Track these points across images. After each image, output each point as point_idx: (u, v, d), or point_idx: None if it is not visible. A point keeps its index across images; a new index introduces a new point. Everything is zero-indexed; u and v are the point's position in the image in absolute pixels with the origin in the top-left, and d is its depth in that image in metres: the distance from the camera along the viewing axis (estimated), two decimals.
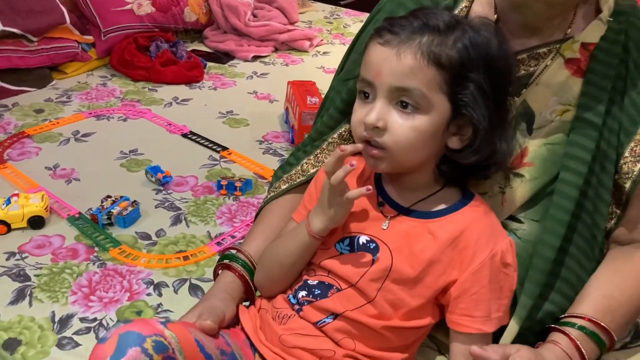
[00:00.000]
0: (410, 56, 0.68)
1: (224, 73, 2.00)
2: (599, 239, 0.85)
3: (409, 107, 0.69)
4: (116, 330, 0.66)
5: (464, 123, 0.72)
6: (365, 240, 0.76)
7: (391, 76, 0.69)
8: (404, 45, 0.68)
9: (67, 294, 1.02)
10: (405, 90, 0.69)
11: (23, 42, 1.80)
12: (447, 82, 0.69)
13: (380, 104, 0.70)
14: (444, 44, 0.68)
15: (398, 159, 0.72)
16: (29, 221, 1.17)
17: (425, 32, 0.69)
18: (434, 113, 0.70)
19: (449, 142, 0.73)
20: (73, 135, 1.54)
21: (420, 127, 0.70)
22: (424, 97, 0.69)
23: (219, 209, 1.28)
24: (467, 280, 0.72)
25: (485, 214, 0.76)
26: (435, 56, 0.68)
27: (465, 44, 0.69)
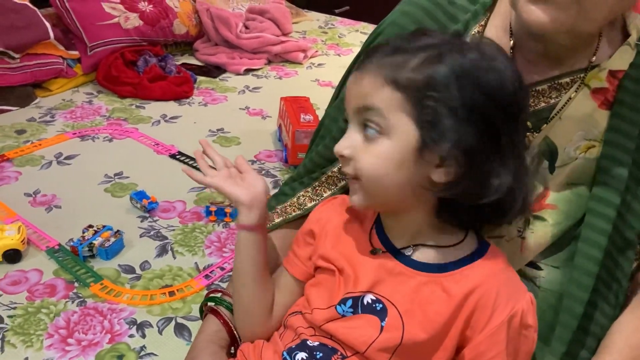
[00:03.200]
0: (370, 75, 0.62)
1: (214, 88, 1.93)
2: (624, 285, 0.77)
3: (371, 130, 0.62)
4: None
5: (447, 153, 0.64)
6: (370, 299, 0.66)
7: (354, 98, 0.63)
8: (367, 71, 0.62)
9: (43, 338, 0.95)
10: (366, 110, 0.62)
11: (4, 59, 1.73)
12: (409, 102, 0.60)
13: (351, 132, 0.64)
14: (407, 63, 0.61)
15: (368, 189, 0.64)
16: (5, 255, 1.10)
17: (394, 54, 0.62)
18: (397, 137, 0.61)
19: (432, 175, 0.64)
20: (55, 158, 1.47)
21: (383, 153, 0.62)
22: (384, 118, 0.61)
23: (208, 237, 1.21)
24: (483, 343, 0.63)
25: (505, 266, 0.67)
26: (394, 75, 0.60)
27: (436, 64, 0.60)
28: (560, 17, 0.64)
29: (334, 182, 0.86)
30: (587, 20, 0.65)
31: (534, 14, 0.65)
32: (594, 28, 0.68)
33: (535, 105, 0.75)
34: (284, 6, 2.42)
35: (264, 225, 0.74)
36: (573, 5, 0.63)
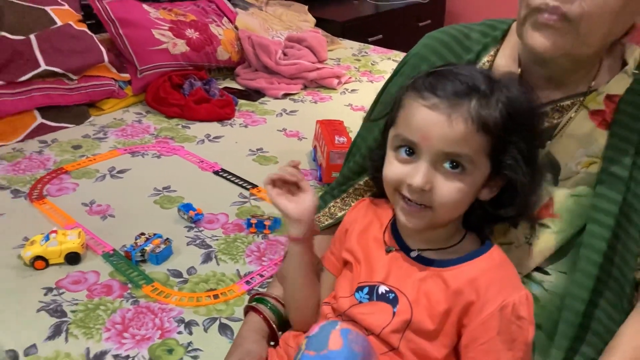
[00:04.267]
0: (462, 123, 0.69)
1: (254, 110, 2.06)
2: (627, 291, 0.85)
3: (458, 168, 0.71)
4: None
5: (498, 180, 0.75)
6: (384, 290, 0.79)
7: (442, 142, 0.70)
8: (455, 112, 0.69)
9: (102, 331, 1.05)
10: (456, 155, 0.71)
11: (63, 81, 1.88)
12: (491, 146, 0.71)
13: (425, 167, 0.72)
14: (489, 106, 0.70)
15: (440, 217, 0.75)
16: (66, 257, 1.21)
17: (471, 95, 0.70)
18: (477, 174, 0.73)
19: (480, 195, 0.76)
20: (109, 172, 1.60)
21: (464, 189, 0.72)
22: (472, 162, 0.71)
23: (249, 247, 1.31)
24: (476, 329, 0.74)
25: (501, 264, 0.78)
26: (484, 121, 0.70)
27: (504, 102, 0.71)
28: (559, 41, 0.75)
29: (360, 193, 0.97)
30: (583, 44, 0.75)
31: (537, 39, 0.76)
32: (590, 52, 0.78)
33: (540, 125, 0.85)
34: (320, 35, 2.54)
35: (310, 237, 0.84)
36: (571, 31, 0.74)
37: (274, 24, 2.55)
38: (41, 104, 1.81)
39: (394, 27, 3.21)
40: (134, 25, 2.10)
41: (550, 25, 0.76)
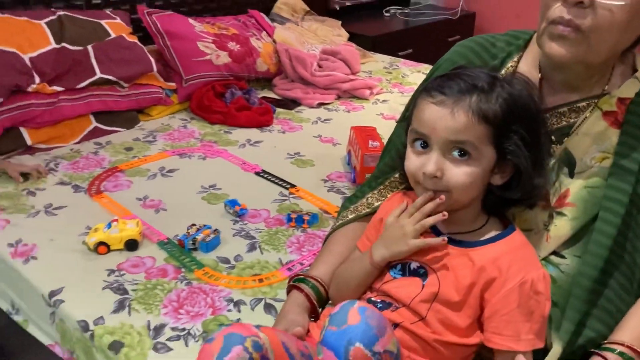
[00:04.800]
0: (464, 115, 0.81)
1: (291, 118, 2.18)
2: (637, 276, 0.94)
3: (462, 155, 0.82)
4: (221, 332, 0.79)
5: (505, 164, 0.85)
6: (415, 266, 0.90)
7: (447, 131, 0.82)
8: (457, 106, 0.82)
9: (160, 307, 1.18)
10: (460, 142, 0.82)
11: (116, 88, 2.03)
12: (493, 134, 0.83)
13: (435, 155, 0.83)
14: (489, 101, 0.82)
15: (457, 198, 0.85)
16: (126, 243, 1.34)
17: (472, 92, 0.82)
18: (483, 160, 0.84)
19: (492, 180, 0.87)
20: (159, 171, 1.73)
21: (472, 173, 0.83)
22: (476, 148, 0.82)
23: (289, 239, 1.42)
24: (498, 302, 0.84)
25: (522, 246, 0.88)
26: (484, 113, 0.81)
27: (505, 97, 0.83)
28: (573, 50, 0.86)
29: (395, 185, 1.08)
30: (594, 53, 0.86)
31: (554, 48, 0.87)
32: (600, 59, 0.89)
33: (558, 124, 0.96)
34: (354, 48, 2.67)
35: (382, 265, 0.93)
36: (583, 41, 0.85)
37: (310, 38, 2.68)
38: (96, 109, 1.97)
39: (423, 42, 3.32)
40: (180, 37, 2.25)
41: (565, 36, 0.86)
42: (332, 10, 3.29)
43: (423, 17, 3.55)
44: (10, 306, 1.36)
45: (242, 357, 0.76)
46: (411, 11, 3.67)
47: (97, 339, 1.11)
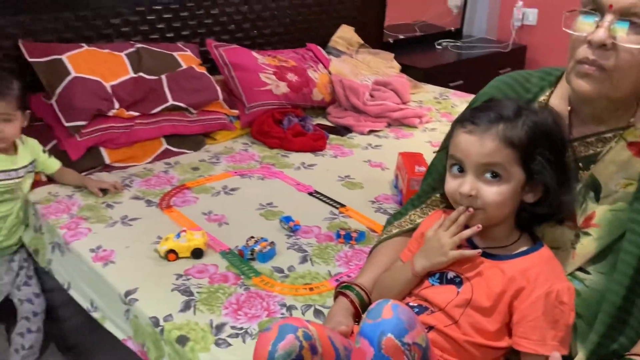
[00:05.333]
0: (491, 141, 0.94)
1: (343, 144, 2.33)
2: None
3: (494, 177, 0.95)
4: (277, 323, 0.93)
5: (536, 184, 0.96)
6: (452, 275, 1.01)
7: (478, 156, 0.95)
8: (485, 134, 0.94)
9: (221, 308, 1.32)
10: (491, 165, 0.94)
11: (185, 114, 2.23)
12: (520, 157, 0.94)
13: (470, 178, 0.96)
14: (514, 128, 0.93)
15: (490, 215, 0.97)
16: (193, 252, 1.50)
17: (499, 121, 0.95)
18: (513, 180, 0.95)
19: (525, 198, 0.98)
20: (222, 189, 1.90)
21: (503, 192, 0.95)
22: (505, 170, 0.94)
23: (337, 253, 1.55)
24: (525, 309, 0.94)
25: (549, 260, 0.99)
26: (510, 139, 0.93)
27: (530, 125, 0.94)
28: (597, 86, 0.97)
29: (436, 204, 1.19)
30: (617, 89, 0.97)
31: (581, 85, 0.98)
32: (622, 95, 0.99)
33: (585, 152, 1.06)
34: (405, 79, 2.81)
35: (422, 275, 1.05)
36: (606, 79, 0.96)
37: (363, 70, 2.84)
38: (167, 133, 2.17)
39: (474, 74, 3.42)
40: (244, 69, 2.45)
41: (590, 74, 0.97)
42: (386, 44, 3.44)
43: (475, 49, 3.66)
44: (90, 304, 1.54)
45: (294, 344, 0.90)
46: (463, 44, 3.79)
47: (166, 333, 1.26)
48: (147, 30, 2.43)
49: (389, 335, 0.83)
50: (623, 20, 0.94)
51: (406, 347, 0.84)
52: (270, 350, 0.89)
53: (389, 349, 0.83)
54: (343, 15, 3.12)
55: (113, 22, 2.33)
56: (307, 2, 2.95)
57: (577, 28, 0.99)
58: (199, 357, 1.19)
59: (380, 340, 0.83)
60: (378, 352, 0.83)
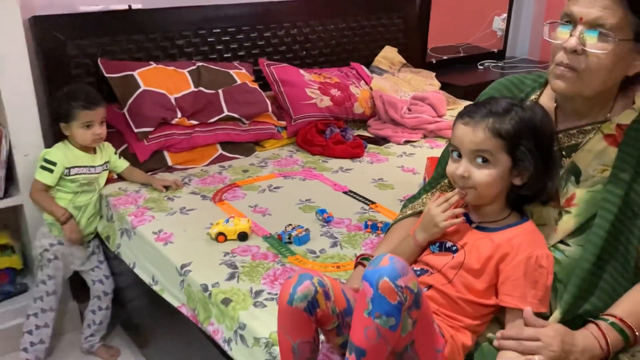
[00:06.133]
0: (482, 132, 1.14)
1: (380, 152, 2.54)
2: (631, 264, 1.18)
3: (484, 161, 1.14)
4: (298, 272, 1.15)
5: (522, 169, 1.14)
6: (449, 244, 1.21)
7: (470, 144, 1.15)
8: (477, 125, 1.14)
9: (260, 279, 1.55)
10: (481, 151, 1.14)
11: (239, 124, 2.50)
12: (506, 146, 1.13)
13: (464, 162, 1.17)
14: (502, 122, 1.13)
15: (480, 193, 1.16)
16: (239, 235, 1.74)
17: (490, 116, 1.14)
18: (500, 165, 1.15)
19: (514, 181, 1.16)
20: (267, 187, 2.15)
21: (491, 174, 1.15)
22: (493, 156, 1.14)
23: (364, 240, 1.76)
24: (509, 270, 1.13)
25: (532, 232, 1.17)
26: (497, 130, 1.13)
27: (517, 120, 1.13)
28: (570, 86, 1.16)
29: (444, 189, 1.39)
30: (587, 87, 1.16)
31: (557, 84, 1.18)
32: (594, 92, 1.17)
33: (568, 142, 1.23)
34: (441, 95, 2.99)
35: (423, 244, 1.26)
36: (578, 79, 1.15)
37: (403, 87, 3.05)
38: (222, 140, 2.45)
39: None
40: (291, 85, 2.71)
41: (564, 75, 1.16)
42: (429, 64, 3.65)
43: (516, 69, 3.80)
44: (151, 279, 1.80)
45: (310, 288, 1.11)
46: (505, 64, 3.94)
47: (213, 297, 1.50)
48: (207, 51, 2.73)
49: (385, 278, 1.03)
50: (593, 30, 1.12)
51: (399, 289, 1.03)
52: (290, 292, 1.11)
53: (385, 289, 1.02)
54: (387, 37, 3.35)
55: (178, 43, 2.65)
56: (352, 26, 3.20)
57: (556, 37, 1.19)
58: (240, 314, 1.41)
59: (378, 282, 1.03)
60: (376, 291, 1.03)
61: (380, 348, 1.04)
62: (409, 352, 1.10)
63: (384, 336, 1.03)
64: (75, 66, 2.40)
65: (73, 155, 2.03)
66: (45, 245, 2.04)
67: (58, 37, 2.35)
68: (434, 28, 3.66)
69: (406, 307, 1.04)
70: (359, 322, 1.05)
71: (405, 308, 1.03)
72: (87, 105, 1.99)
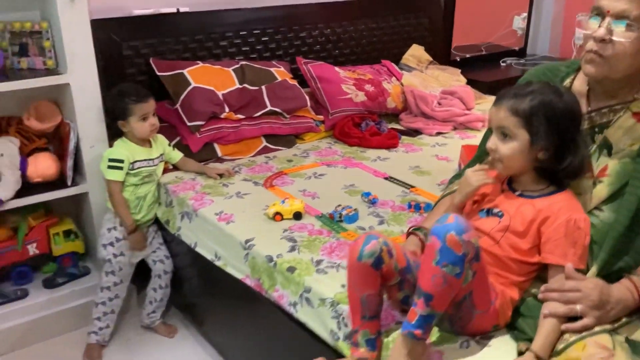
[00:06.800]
0: (503, 111, 1.31)
1: (413, 143, 2.70)
2: None
3: (506, 137, 1.31)
4: (364, 234, 1.32)
5: (540, 144, 1.30)
6: (496, 210, 1.37)
7: (496, 121, 1.32)
8: (501, 106, 1.32)
9: (319, 250, 1.72)
10: (502, 127, 1.31)
11: (280, 117, 2.68)
12: (523, 123, 1.30)
13: (493, 137, 1.34)
14: (520, 103, 1.29)
15: (505, 164, 1.34)
16: (294, 214, 1.91)
17: (513, 97, 1.31)
18: (518, 140, 1.31)
19: (539, 156, 1.31)
20: (313, 175, 2.32)
21: (512, 147, 1.31)
22: (512, 132, 1.30)
23: (409, 219, 1.92)
24: (550, 232, 1.29)
25: (570, 198, 1.33)
26: (515, 110, 1.29)
27: (535, 102, 1.29)
28: (599, 69, 1.31)
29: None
30: (614, 71, 1.31)
31: (588, 69, 1.33)
32: (621, 75, 1.32)
33: (600, 120, 1.39)
34: (469, 89, 3.15)
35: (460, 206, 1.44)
36: (606, 64, 1.30)
37: (431, 82, 3.21)
38: (266, 133, 2.62)
39: None
40: (328, 81, 2.88)
41: (594, 60, 1.32)
42: (453, 61, 3.80)
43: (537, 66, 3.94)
44: (214, 256, 1.97)
45: (376, 247, 1.28)
46: (526, 62, 4.09)
47: (278, 266, 1.67)
48: (248, 50, 2.91)
49: (452, 233, 1.19)
50: (620, 21, 1.28)
51: (463, 242, 1.19)
52: (359, 250, 1.28)
53: (451, 242, 1.18)
54: (414, 36, 3.52)
55: (221, 44, 2.83)
56: (381, 26, 3.37)
57: (586, 27, 1.34)
58: (305, 279, 1.58)
59: (445, 236, 1.19)
60: (444, 244, 1.19)
61: (445, 293, 1.20)
62: (467, 302, 1.26)
63: (449, 283, 1.19)
64: (130, 66, 2.60)
65: (133, 151, 2.19)
66: (112, 239, 2.20)
67: (114, 39, 2.54)
68: (456, 28, 3.82)
69: (469, 259, 1.20)
70: (427, 270, 1.21)
71: (468, 260, 1.19)
72: (140, 99, 2.15)
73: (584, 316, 1.23)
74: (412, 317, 1.24)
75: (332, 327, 1.48)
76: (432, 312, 1.22)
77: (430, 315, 1.23)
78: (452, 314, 1.30)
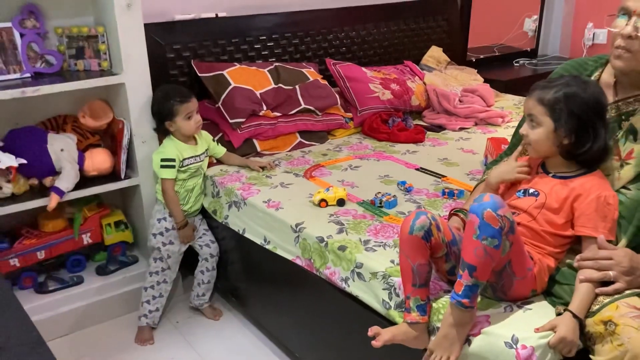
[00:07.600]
0: (532, 101, 1.49)
1: (439, 137, 2.87)
2: None
3: (533, 124, 1.49)
4: (415, 210, 1.48)
5: (562, 131, 1.46)
6: (532, 190, 1.54)
7: (526, 109, 1.51)
8: (531, 97, 1.50)
9: (365, 231, 1.88)
10: (530, 115, 1.49)
11: (313, 115, 2.85)
12: (547, 111, 1.47)
13: (525, 124, 1.52)
14: (546, 94, 1.47)
15: (534, 148, 1.51)
16: (338, 201, 2.08)
17: (541, 89, 1.49)
18: (544, 127, 1.48)
19: (563, 141, 1.48)
20: (348, 167, 2.49)
21: (539, 133, 1.49)
22: (538, 119, 1.48)
23: (444, 205, 2.08)
24: (583, 208, 1.45)
25: (600, 178, 1.50)
26: (541, 99, 1.47)
27: (560, 93, 1.46)
28: (626, 64, 1.48)
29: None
30: None
31: (616, 63, 1.50)
32: None
33: (627, 108, 1.55)
34: (489, 87, 3.32)
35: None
36: (632, 59, 1.47)
37: (451, 82, 3.38)
38: (301, 129, 2.79)
39: None
40: (356, 80, 3.05)
41: (621, 55, 1.49)
42: (469, 62, 3.97)
43: (549, 66, 4.11)
44: (263, 240, 2.14)
45: (426, 221, 1.45)
46: (538, 61, 4.25)
47: (329, 245, 1.83)
48: (280, 53, 3.09)
49: (489, 209, 1.35)
50: None
51: (499, 217, 1.35)
52: (411, 224, 1.45)
53: (489, 217, 1.35)
54: (432, 38, 3.69)
55: (256, 46, 3.01)
56: (402, 28, 3.54)
57: (615, 26, 1.51)
58: (356, 256, 1.75)
59: (483, 212, 1.35)
60: (482, 220, 1.35)
61: (486, 264, 1.37)
62: (507, 270, 1.43)
63: (489, 254, 1.35)
64: (173, 67, 2.77)
65: (181, 149, 2.34)
66: (162, 229, 2.37)
67: (159, 42, 2.71)
68: (471, 30, 3.99)
69: (505, 232, 1.36)
70: (469, 244, 1.37)
71: (504, 232, 1.35)
72: (184, 99, 2.31)
73: (616, 281, 1.39)
74: (459, 288, 1.40)
75: (383, 297, 1.65)
76: (476, 282, 1.38)
77: (475, 285, 1.39)
78: (494, 282, 1.46)
